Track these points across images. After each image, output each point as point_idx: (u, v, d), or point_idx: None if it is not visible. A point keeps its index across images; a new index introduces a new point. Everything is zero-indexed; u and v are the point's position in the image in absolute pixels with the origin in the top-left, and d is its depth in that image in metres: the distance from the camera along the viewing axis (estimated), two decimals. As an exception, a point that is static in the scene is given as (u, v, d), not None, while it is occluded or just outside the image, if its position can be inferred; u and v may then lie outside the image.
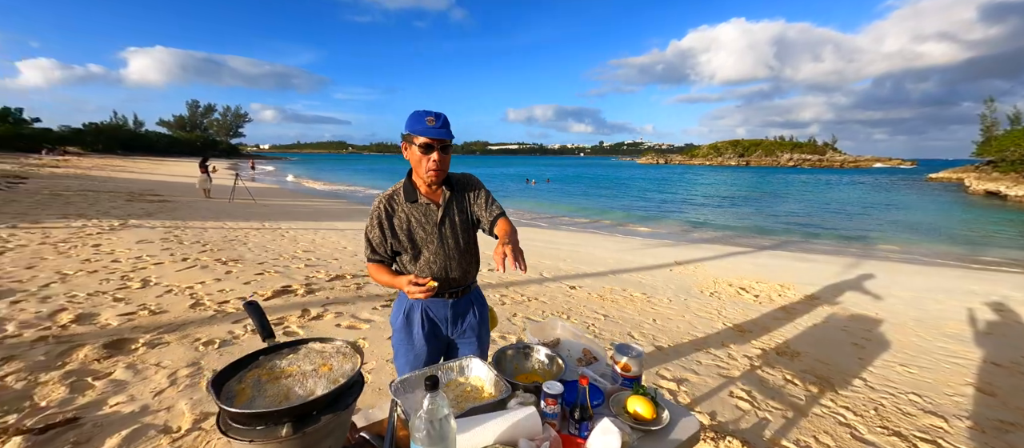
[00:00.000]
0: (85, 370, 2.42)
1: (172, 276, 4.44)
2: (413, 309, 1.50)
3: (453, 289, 1.50)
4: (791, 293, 5.58)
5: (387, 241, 1.44)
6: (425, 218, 1.44)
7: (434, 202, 1.45)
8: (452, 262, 1.47)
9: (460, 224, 1.48)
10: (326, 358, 0.85)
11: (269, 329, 0.94)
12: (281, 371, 0.80)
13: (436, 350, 1.54)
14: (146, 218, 8.35)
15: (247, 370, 0.80)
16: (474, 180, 1.56)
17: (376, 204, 1.44)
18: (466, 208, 1.51)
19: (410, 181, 1.46)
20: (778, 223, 15.22)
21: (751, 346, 3.56)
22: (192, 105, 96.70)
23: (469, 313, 1.56)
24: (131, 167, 28.34)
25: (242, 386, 0.75)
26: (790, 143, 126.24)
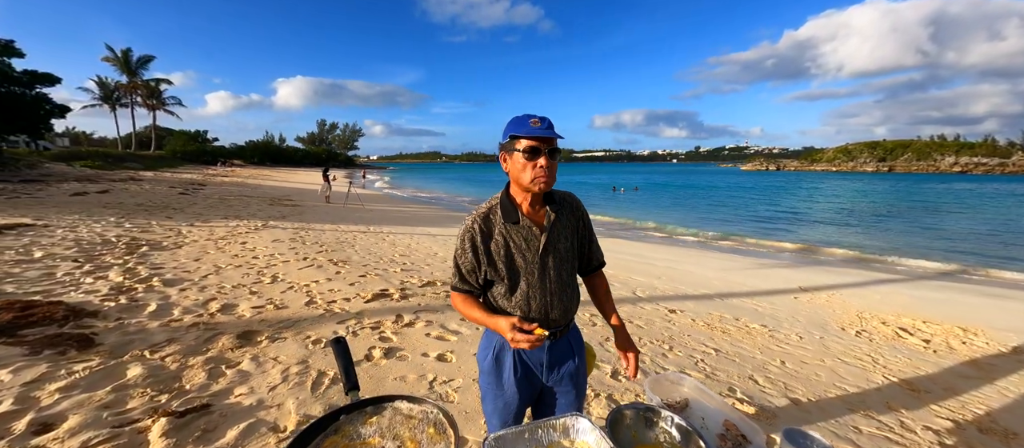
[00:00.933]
0: (221, 358, 2.74)
1: (294, 274, 5.01)
2: (504, 350, 1.31)
3: (551, 330, 1.28)
4: (981, 341, 4.24)
5: (481, 268, 1.25)
6: (527, 244, 1.24)
7: (537, 224, 1.25)
8: (553, 298, 1.26)
9: (564, 253, 1.28)
10: (413, 431, 0.69)
11: (354, 379, 0.82)
12: (362, 444, 0.66)
13: (529, 397, 1.35)
14: (281, 220, 9.79)
15: (325, 437, 0.68)
16: (577, 203, 1.36)
17: (469, 224, 1.26)
18: (571, 235, 1.31)
19: (509, 197, 1.26)
20: (944, 245, 12.05)
21: (932, 413, 2.68)
22: (321, 123, 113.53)
23: (568, 358, 1.35)
24: (274, 176, 34.17)
25: None
26: (955, 144, 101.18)
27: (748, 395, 2.76)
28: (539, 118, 1.18)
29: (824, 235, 13.81)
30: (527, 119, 1.18)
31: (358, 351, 2.99)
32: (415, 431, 0.69)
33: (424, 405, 0.77)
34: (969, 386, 3.14)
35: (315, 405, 2.28)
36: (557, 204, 1.29)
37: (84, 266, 4.64)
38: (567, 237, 1.30)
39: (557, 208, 1.28)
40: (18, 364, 2.39)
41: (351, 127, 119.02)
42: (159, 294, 3.90)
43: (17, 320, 2.95)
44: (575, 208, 1.34)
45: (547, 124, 1.17)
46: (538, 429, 1.11)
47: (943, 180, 60.30)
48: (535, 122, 1.16)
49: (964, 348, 4.03)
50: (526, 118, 1.18)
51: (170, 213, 9.62)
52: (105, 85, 45.85)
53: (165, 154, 44.95)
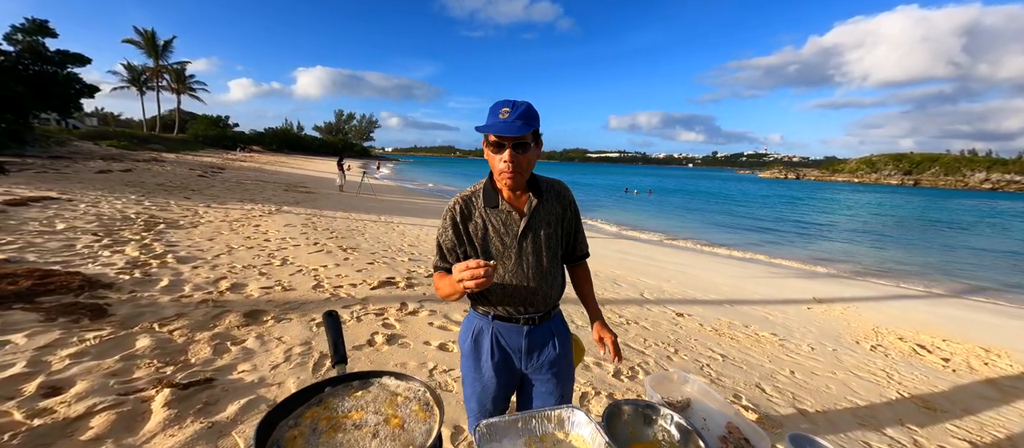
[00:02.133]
0: (227, 335, 2.78)
1: (304, 258, 5.07)
2: (482, 333, 1.31)
3: (529, 315, 1.28)
4: (1003, 363, 4.07)
5: (461, 247, 1.25)
6: (505, 228, 1.24)
7: (517, 210, 1.25)
8: (531, 283, 1.25)
9: (545, 239, 1.27)
10: (398, 409, 0.66)
11: (342, 352, 0.80)
12: (344, 417, 0.64)
13: (507, 383, 1.33)
14: (294, 206, 9.93)
15: (308, 407, 0.66)
16: (566, 191, 1.35)
17: (451, 204, 1.27)
18: (554, 222, 1.29)
19: (491, 183, 1.26)
20: (969, 263, 11.61)
21: (947, 433, 2.57)
22: (338, 113, 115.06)
23: (548, 344, 1.32)
24: (291, 163, 34.72)
25: (294, 432, 0.60)
26: (986, 159, 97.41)
27: (754, 402, 2.69)
28: (510, 107, 1.12)
29: (843, 247, 13.43)
30: (500, 107, 1.13)
31: (361, 336, 3.00)
32: (400, 408, 0.67)
33: (411, 382, 0.75)
34: (989, 408, 3.01)
35: None
36: (541, 191, 1.27)
37: (103, 240, 4.77)
38: (550, 224, 1.28)
39: (540, 195, 1.26)
40: (33, 329, 2.46)
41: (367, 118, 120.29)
42: (172, 270, 3.98)
43: (36, 287, 3.04)
44: (561, 196, 1.32)
45: (519, 113, 1.11)
46: (532, 419, 1.08)
47: (972, 197, 58.08)
48: (504, 112, 1.12)
49: (985, 369, 3.86)
50: (499, 106, 1.14)
51: (189, 194, 9.85)
52: (133, 68, 47.15)
53: (188, 137, 46.09)
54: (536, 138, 1.19)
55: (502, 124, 1.11)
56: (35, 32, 19.10)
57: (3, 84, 15.80)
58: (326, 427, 0.61)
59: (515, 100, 1.15)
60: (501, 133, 1.10)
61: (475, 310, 1.35)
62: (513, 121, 1.10)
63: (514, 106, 1.13)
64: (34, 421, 1.72)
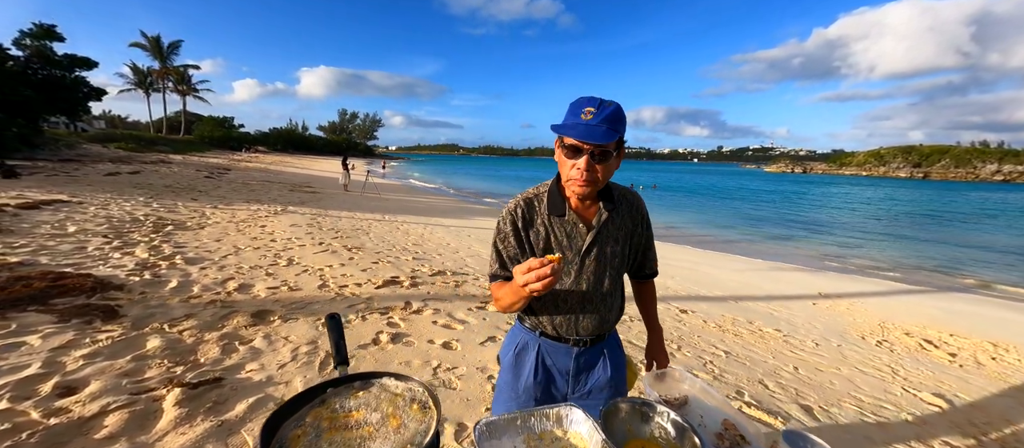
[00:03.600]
0: (235, 334, 2.84)
1: (310, 258, 5.13)
2: (526, 349, 1.21)
3: (581, 337, 1.18)
4: (1012, 357, 4.04)
5: (524, 255, 1.12)
6: (568, 240, 1.12)
7: (585, 221, 1.13)
8: (588, 304, 1.14)
9: (610, 257, 1.15)
10: (397, 409, 0.69)
11: (344, 353, 0.83)
12: (345, 416, 0.67)
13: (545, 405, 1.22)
14: (299, 206, 10.02)
15: (311, 407, 0.69)
16: (640, 203, 1.21)
17: (511, 206, 1.14)
18: (623, 239, 1.17)
19: (558, 187, 1.13)
20: (980, 257, 11.46)
21: (953, 427, 2.57)
22: (342, 113, 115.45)
23: (597, 367, 1.22)
24: (296, 163, 34.96)
25: (298, 431, 0.63)
26: (998, 151, 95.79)
27: (756, 399, 2.69)
28: (596, 107, 0.97)
29: (849, 241, 13.32)
30: (583, 105, 0.98)
31: (366, 335, 3.04)
32: (399, 408, 0.69)
33: (410, 383, 0.77)
34: (997, 403, 2.99)
35: (321, 384, 2.34)
36: (613, 203, 1.14)
37: (113, 242, 4.86)
38: (619, 241, 1.16)
39: (612, 207, 1.13)
40: (48, 330, 2.53)
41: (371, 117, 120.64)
42: (181, 271, 4.05)
43: (49, 290, 3.11)
44: (635, 210, 1.19)
45: (605, 115, 0.96)
46: (531, 417, 1.10)
47: (984, 189, 57.20)
48: (588, 113, 0.97)
49: (993, 364, 3.83)
50: (583, 104, 0.99)
51: (195, 195, 9.97)
52: (139, 71, 47.64)
53: (193, 139, 46.54)
54: (619, 146, 1.04)
55: (584, 127, 0.96)
56: (43, 37, 19.36)
57: (13, 89, 16.04)
58: (328, 426, 0.64)
59: (602, 99, 0.99)
60: (583, 138, 0.95)
61: (521, 323, 1.25)
62: (598, 125, 0.95)
63: (601, 106, 0.97)
64: (50, 420, 1.78)
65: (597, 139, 0.94)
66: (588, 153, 0.97)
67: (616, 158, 1.05)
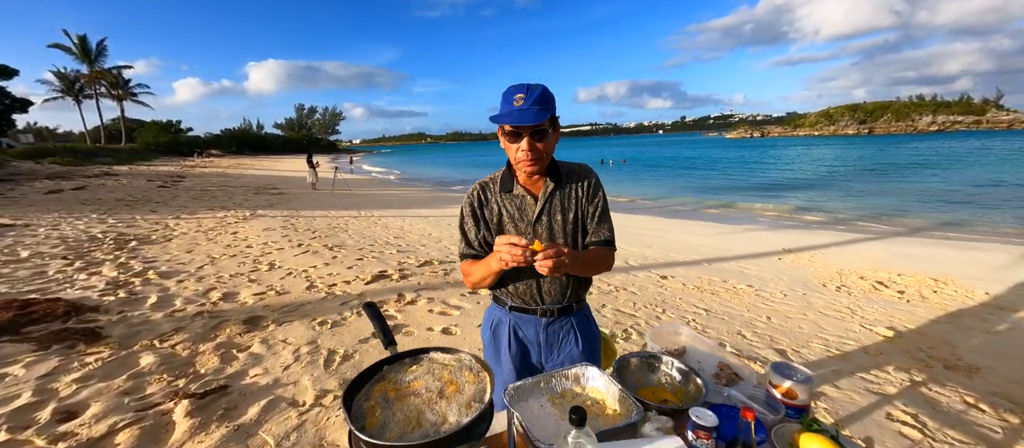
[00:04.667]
0: (231, 343, 2.81)
1: (291, 260, 5.03)
2: (500, 324, 1.31)
3: (546, 306, 1.25)
4: (951, 290, 4.52)
5: (480, 232, 1.25)
6: (519, 212, 1.22)
7: (532, 194, 1.22)
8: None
9: (561, 224, 1.22)
10: (453, 374, 0.77)
11: (390, 335, 0.90)
12: (407, 387, 0.74)
13: (526, 376, 1.25)
14: (269, 208, 9.67)
15: (373, 383, 0.76)
16: (591, 175, 1.26)
17: (470, 193, 1.28)
18: (574, 207, 1.23)
19: (509, 169, 1.25)
20: (919, 203, 12.52)
21: (906, 355, 2.91)
22: (299, 108, 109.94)
23: (568, 340, 1.29)
24: (256, 165, 33.31)
25: (371, 403, 0.70)
26: (932, 103, 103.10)
27: (736, 348, 2.94)
28: (525, 91, 1.07)
29: (807, 199, 14.20)
30: (513, 93, 1.08)
31: (364, 330, 3.07)
32: (454, 375, 0.77)
33: (457, 353, 0.85)
34: (938, 330, 3.39)
35: (330, 380, 2.38)
36: (559, 176, 1.23)
37: (75, 263, 4.58)
38: (569, 209, 1.22)
39: (558, 179, 1.22)
40: (28, 359, 2.42)
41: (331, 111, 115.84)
42: (157, 286, 3.90)
43: (18, 318, 2.95)
44: (583, 180, 1.24)
45: (534, 98, 1.06)
46: (552, 378, 1.22)
47: (921, 140, 61.82)
48: (519, 99, 1.07)
49: (935, 296, 4.30)
50: (513, 92, 1.08)
51: (153, 207, 9.41)
52: (65, 76, 43.43)
53: (137, 147, 43.27)
54: (553, 123, 1.14)
55: (518, 113, 1.06)
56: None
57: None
58: (395, 397, 0.71)
59: (529, 84, 1.09)
60: (518, 123, 1.06)
61: (495, 301, 1.35)
62: (528, 108, 1.05)
63: (528, 91, 1.07)
64: (58, 445, 1.75)
65: (530, 120, 1.04)
66: (528, 135, 1.08)
67: (553, 133, 1.15)
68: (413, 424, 0.66)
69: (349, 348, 2.78)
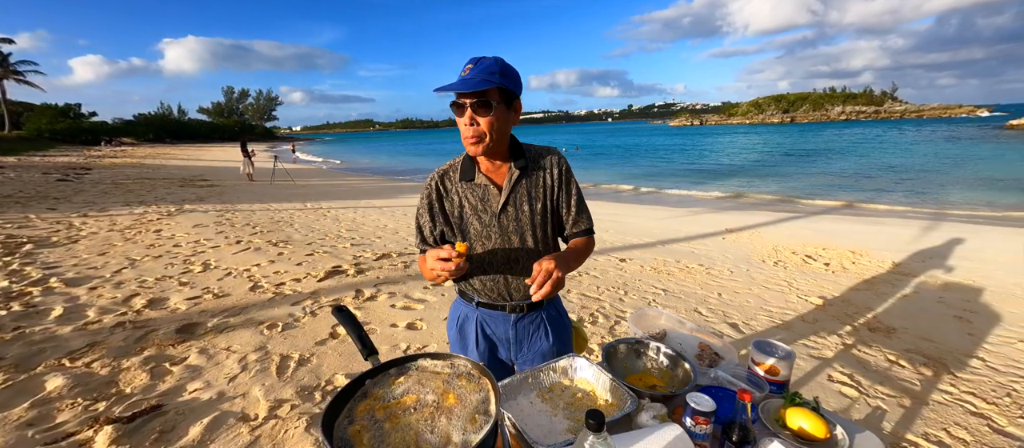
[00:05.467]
0: (162, 355, 2.48)
1: (229, 259, 4.56)
2: (467, 321, 1.23)
3: (516, 302, 1.18)
4: (866, 260, 5.08)
5: (436, 227, 1.17)
6: (482, 203, 1.12)
7: (495, 183, 1.12)
8: (514, 265, 1.14)
9: (529, 215, 1.12)
10: (448, 386, 0.68)
11: (370, 343, 0.79)
12: (396, 403, 0.65)
13: (498, 375, 1.15)
14: (198, 203, 8.72)
15: (356, 402, 0.65)
16: (560, 160, 1.16)
17: (428, 183, 1.17)
18: (542, 196, 1.14)
19: (469, 154, 1.12)
20: (834, 183, 14.04)
21: (836, 321, 3.23)
22: (227, 91, 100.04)
23: (538, 336, 1.22)
24: (179, 154, 29.94)
25: (356, 427, 0.59)
26: (842, 95, 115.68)
27: (694, 324, 3.10)
28: (475, 63, 0.99)
29: (743, 182, 15.39)
30: (464, 66, 1.01)
31: (321, 330, 2.86)
32: (450, 384, 0.68)
33: (450, 359, 0.76)
34: (860, 297, 3.80)
35: (285, 389, 2.17)
36: (525, 162, 1.12)
37: (-52, 273, 3.82)
38: (537, 198, 1.13)
39: (523, 166, 1.12)
40: None
41: (266, 95, 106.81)
42: (63, 296, 3.36)
43: None
44: (552, 167, 1.15)
45: (482, 68, 0.98)
46: (539, 372, 1.17)
47: (834, 127, 69.24)
48: (466, 69, 0.99)
49: (855, 267, 4.82)
50: (465, 64, 1.02)
51: (52, 203, 8.11)
52: (-79, 50, 35.95)
53: (27, 134, 37.14)
54: (505, 96, 1.02)
55: (460, 81, 0.97)
56: None
57: None
58: (384, 417, 0.61)
59: (483, 56, 1.01)
60: (458, 89, 0.96)
61: (461, 296, 1.25)
62: (473, 76, 0.97)
63: (479, 62, 0.99)
64: (-64, 498, 1.43)
65: (471, 86, 0.95)
66: (470, 105, 0.98)
67: (505, 110, 1.03)
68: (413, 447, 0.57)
69: (305, 352, 2.57)
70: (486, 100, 0.98)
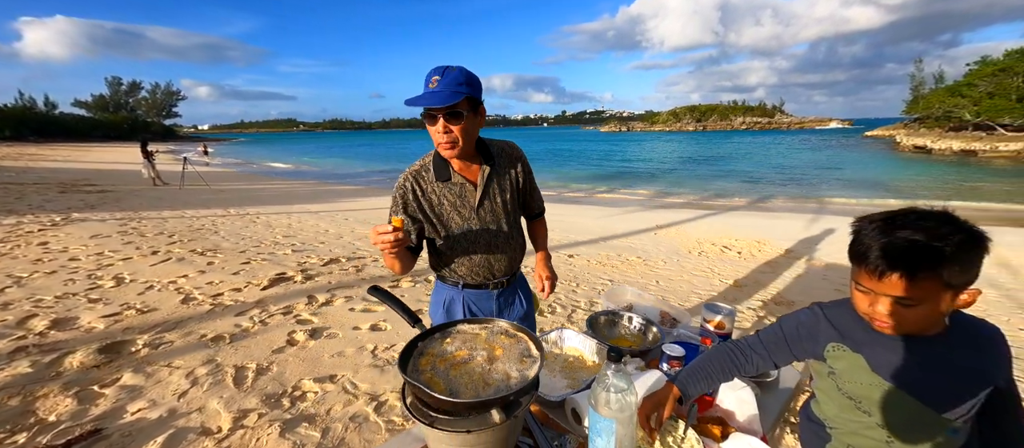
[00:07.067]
0: (86, 378, 2.20)
1: (148, 272, 4.06)
2: (454, 302, 1.33)
3: (498, 280, 1.34)
4: (769, 248, 5.96)
5: (417, 224, 1.23)
6: (460, 200, 1.23)
7: (470, 181, 1.23)
8: (495, 249, 1.28)
9: (502, 206, 1.27)
10: (492, 341, 0.79)
11: (413, 313, 0.87)
12: (453, 357, 0.75)
13: None
14: (90, 211, 7.52)
15: (416, 359, 0.74)
16: (519, 153, 1.34)
17: (401, 182, 1.22)
18: (510, 187, 1.30)
19: (439, 155, 1.21)
20: (740, 184, 16.10)
21: (751, 299, 3.80)
22: (113, 82, 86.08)
23: (516, 304, 1.41)
24: (50, 155, 25.19)
25: (427, 376, 0.69)
26: (742, 107, 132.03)
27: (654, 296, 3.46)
28: (440, 74, 1.07)
29: (668, 183, 16.99)
30: (430, 77, 1.09)
31: (277, 339, 2.72)
32: (493, 340, 0.80)
33: (488, 323, 0.87)
34: (766, 278, 4.50)
35: (249, 399, 2.07)
36: (493, 158, 1.25)
37: None
38: (506, 190, 1.27)
39: (492, 163, 1.24)
40: None
41: (164, 88, 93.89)
42: (-72, 323, 2.77)
43: None
44: (513, 159, 1.31)
45: (449, 80, 1.06)
46: (544, 341, 1.32)
47: (738, 135, 78.80)
48: (433, 82, 1.07)
49: (761, 254, 5.65)
50: (430, 75, 1.09)
51: None
52: None
53: None
54: (473, 104, 1.13)
55: (429, 95, 1.06)
56: None
57: None
58: (446, 367, 0.70)
59: (447, 66, 1.09)
60: (429, 104, 1.05)
61: (443, 282, 1.35)
62: (440, 90, 1.05)
63: (444, 73, 1.07)
64: None
65: (441, 102, 1.05)
66: (442, 116, 1.08)
67: (473, 116, 1.14)
68: (481, 384, 0.67)
69: (262, 361, 2.44)
70: (457, 111, 1.08)
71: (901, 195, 12.46)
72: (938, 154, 27.15)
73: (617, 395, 0.74)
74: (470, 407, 0.63)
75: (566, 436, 0.92)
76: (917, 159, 24.93)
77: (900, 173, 18.55)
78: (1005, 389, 0.75)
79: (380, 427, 1.93)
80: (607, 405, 0.74)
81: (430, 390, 0.62)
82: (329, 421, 1.95)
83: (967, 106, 31.10)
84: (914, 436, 0.76)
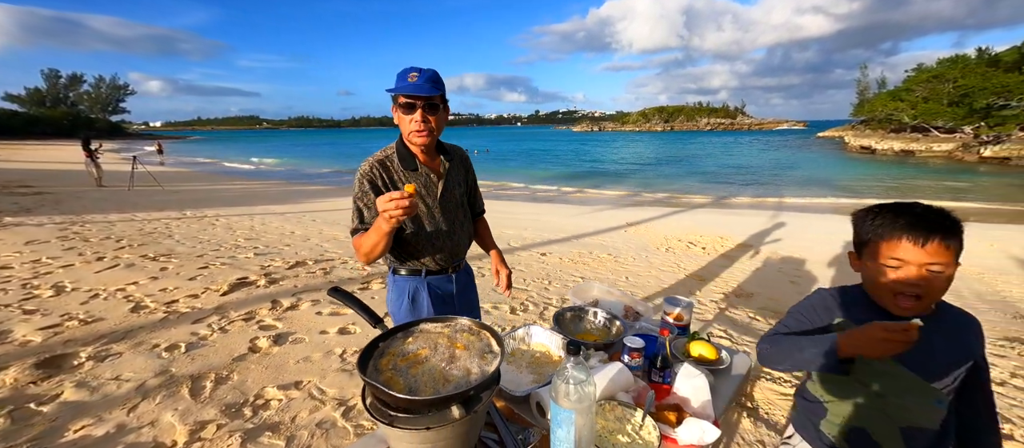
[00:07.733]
0: (21, 396, 2.02)
1: (92, 279, 3.78)
2: (419, 289, 1.39)
3: (455, 263, 1.46)
4: (730, 243, 6.25)
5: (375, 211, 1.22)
6: (426, 190, 1.33)
7: (435, 172, 1.35)
8: (454, 236, 1.40)
9: (459, 198, 1.43)
10: (454, 339, 0.80)
11: (373, 313, 0.86)
12: (414, 356, 0.74)
13: None
14: (25, 214, 6.92)
15: (377, 359, 0.73)
16: (466, 156, 1.52)
17: (366, 168, 1.27)
18: (463, 183, 1.48)
19: (404, 146, 1.30)
20: (704, 182, 16.79)
21: (713, 291, 3.98)
22: (50, 75, 79.02)
23: (470, 287, 1.55)
24: (-22, 153, 22.92)
25: (387, 375, 0.68)
26: (707, 109, 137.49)
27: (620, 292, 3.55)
28: (419, 72, 1.20)
29: (637, 182, 17.45)
30: (408, 72, 1.20)
31: (238, 345, 2.60)
32: (455, 337, 0.80)
33: (449, 321, 0.87)
34: (727, 271, 4.72)
35: (207, 410, 1.97)
36: (449, 155, 1.40)
37: None
38: (460, 184, 1.44)
39: (450, 158, 1.39)
40: None
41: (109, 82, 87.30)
42: None
43: None
44: (463, 160, 1.49)
45: (426, 77, 1.20)
46: (510, 338, 1.33)
47: (703, 135, 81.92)
48: (413, 76, 1.19)
49: (722, 249, 5.92)
50: (407, 72, 1.21)
51: None
52: None
53: None
54: (444, 102, 1.29)
55: (412, 86, 1.18)
56: None
57: None
58: (407, 365, 0.70)
59: (420, 67, 1.22)
60: (414, 93, 1.18)
61: (401, 275, 1.39)
62: (423, 83, 1.19)
63: (421, 71, 1.21)
64: None
65: (425, 92, 1.19)
66: (421, 107, 1.21)
67: (443, 112, 1.29)
68: (442, 381, 0.68)
69: (221, 370, 2.33)
70: (435, 103, 1.23)
71: (851, 193, 13.37)
72: (881, 154, 29.33)
73: (576, 387, 0.77)
74: (429, 404, 0.64)
75: (530, 430, 0.94)
76: (863, 159, 26.83)
77: (848, 172, 19.90)
78: (982, 365, 0.89)
79: (348, 432, 1.89)
80: (567, 396, 0.77)
81: (389, 389, 0.62)
82: (294, 429, 1.89)
83: (906, 109, 33.74)
84: (906, 405, 0.86)
